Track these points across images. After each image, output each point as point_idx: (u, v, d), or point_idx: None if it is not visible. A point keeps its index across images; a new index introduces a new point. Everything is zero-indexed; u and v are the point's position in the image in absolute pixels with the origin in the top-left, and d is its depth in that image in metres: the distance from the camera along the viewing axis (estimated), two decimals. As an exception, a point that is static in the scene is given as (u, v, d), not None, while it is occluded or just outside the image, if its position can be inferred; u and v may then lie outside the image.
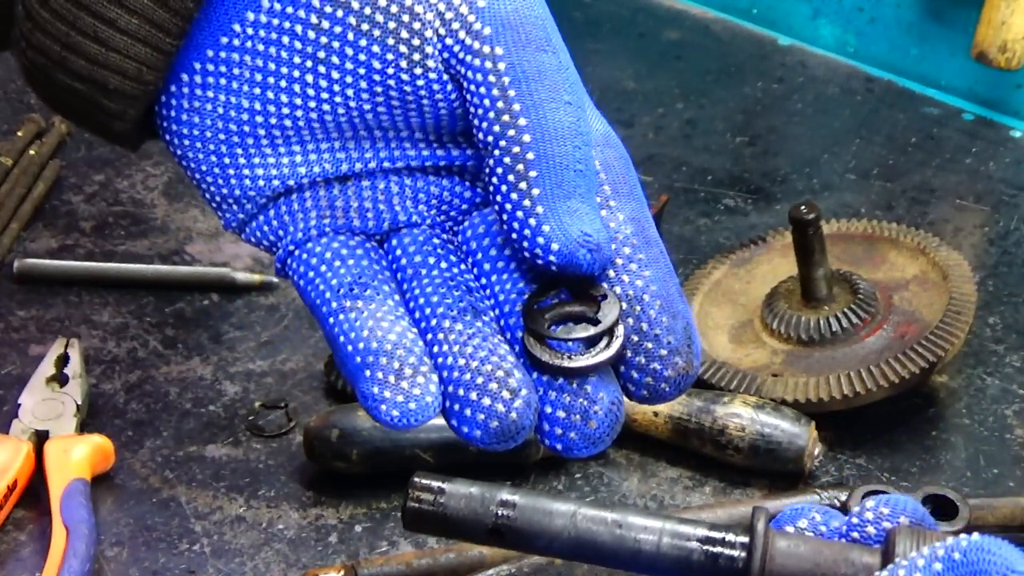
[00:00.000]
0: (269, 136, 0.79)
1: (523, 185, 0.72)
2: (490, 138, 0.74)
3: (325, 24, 0.76)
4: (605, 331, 0.72)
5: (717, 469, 1.12)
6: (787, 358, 1.17)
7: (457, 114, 0.77)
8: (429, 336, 0.74)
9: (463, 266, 0.78)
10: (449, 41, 0.75)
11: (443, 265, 0.77)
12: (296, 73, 0.77)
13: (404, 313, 0.76)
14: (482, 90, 0.74)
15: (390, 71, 0.76)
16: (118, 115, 0.80)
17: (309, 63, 0.76)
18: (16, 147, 1.38)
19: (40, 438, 1.11)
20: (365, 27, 0.75)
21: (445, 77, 0.75)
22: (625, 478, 1.12)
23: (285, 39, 0.76)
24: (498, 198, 0.73)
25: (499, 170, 0.73)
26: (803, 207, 1.16)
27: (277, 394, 1.18)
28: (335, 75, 0.76)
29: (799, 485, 1.10)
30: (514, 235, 0.73)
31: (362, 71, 0.76)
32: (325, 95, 0.77)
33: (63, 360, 1.16)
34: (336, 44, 0.76)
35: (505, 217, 0.73)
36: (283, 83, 0.77)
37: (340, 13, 0.75)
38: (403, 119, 0.78)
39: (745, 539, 0.64)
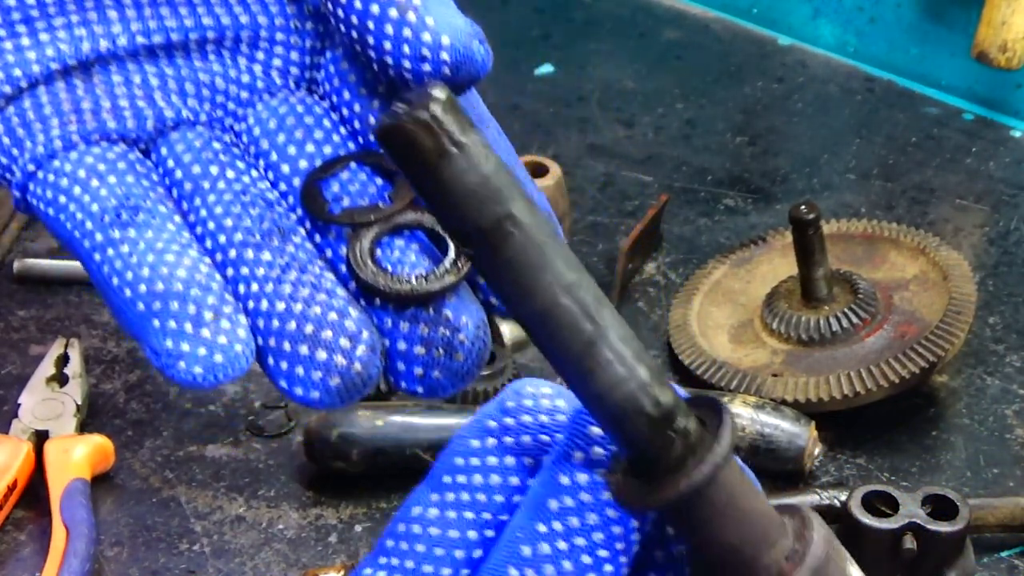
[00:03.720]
0: None
1: None
2: None
3: None
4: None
5: (717, 469, 1.12)
6: (787, 358, 1.17)
7: None
8: (230, 271, 0.60)
9: (255, 172, 0.63)
10: None
11: (230, 174, 0.62)
12: None
13: (191, 239, 0.60)
14: None
15: None
16: None
17: None
18: (16, 147, 1.38)
19: (40, 438, 1.11)
20: None
21: None
22: (625, 478, 1.12)
23: None
24: (357, 6, 0.59)
25: None
26: (803, 207, 1.16)
27: (277, 394, 1.18)
28: None
29: (799, 485, 1.10)
30: (387, 44, 0.59)
31: None
32: None
33: (63, 360, 1.16)
34: None
35: (372, 26, 0.59)
36: None
37: None
38: None
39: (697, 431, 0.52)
